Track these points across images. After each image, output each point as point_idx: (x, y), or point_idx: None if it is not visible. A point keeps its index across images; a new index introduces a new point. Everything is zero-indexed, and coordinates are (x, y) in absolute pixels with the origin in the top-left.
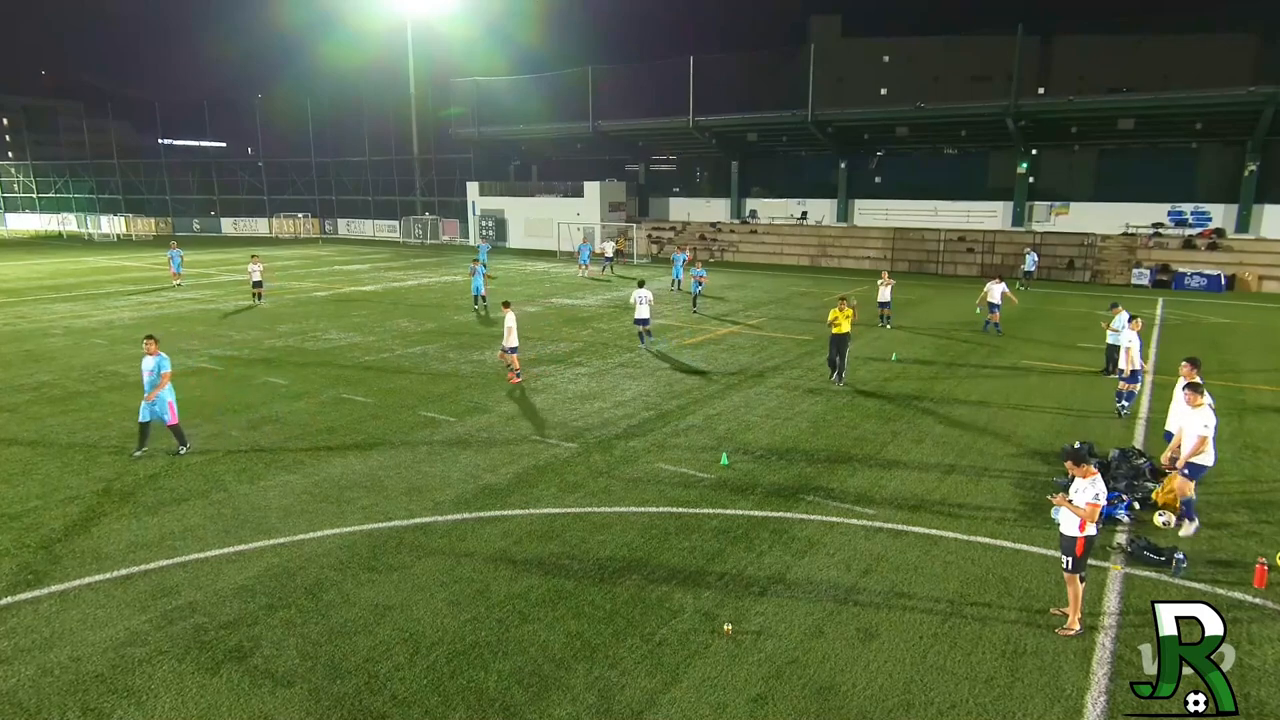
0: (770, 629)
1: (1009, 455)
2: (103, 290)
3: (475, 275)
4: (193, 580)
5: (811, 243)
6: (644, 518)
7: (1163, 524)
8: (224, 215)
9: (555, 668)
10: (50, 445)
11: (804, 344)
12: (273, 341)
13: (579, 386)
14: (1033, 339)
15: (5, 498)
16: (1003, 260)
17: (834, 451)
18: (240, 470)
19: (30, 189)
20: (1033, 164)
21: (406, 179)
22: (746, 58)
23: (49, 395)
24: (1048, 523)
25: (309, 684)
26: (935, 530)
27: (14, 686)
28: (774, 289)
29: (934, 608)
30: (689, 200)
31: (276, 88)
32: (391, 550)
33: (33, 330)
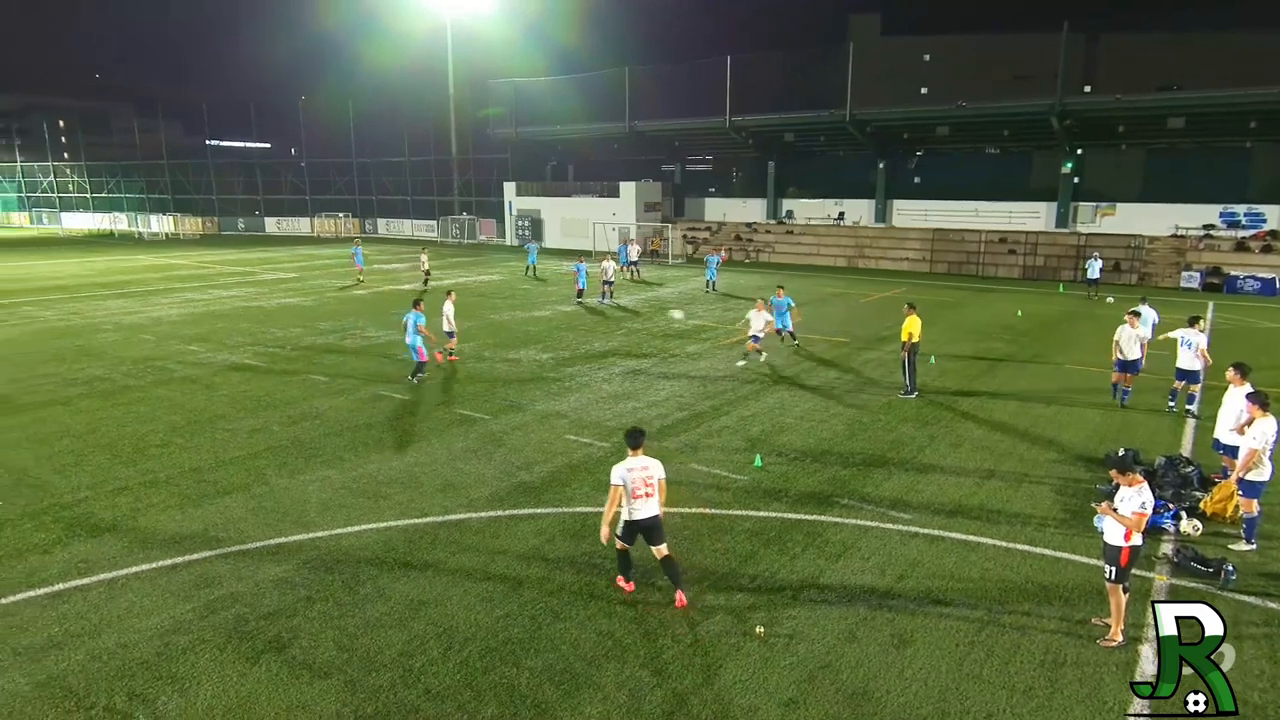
0: (803, 633)
1: (1050, 461)
2: (151, 287)
3: (580, 275)
4: (234, 571)
5: (848, 244)
6: (676, 518)
7: (1192, 530)
8: (268, 215)
9: (587, 666)
10: (101, 437)
11: (839, 346)
12: (313, 339)
13: (613, 386)
14: (1076, 342)
15: (58, 488)
16: (1044, 262)
17: (869, 455)
18: (281, 464)
19: (84, 189)
20: (1078, 164)
21: (445, 179)
22: (784, 57)
23: (100, 389)
24: (1090, 531)
25: (345, 676)
26: (973, 536)
27: (65, 671)
28: (809, 290)
29: (971, 615)
30: (725, 200)
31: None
32: (426, 546)
33: (85, 325)
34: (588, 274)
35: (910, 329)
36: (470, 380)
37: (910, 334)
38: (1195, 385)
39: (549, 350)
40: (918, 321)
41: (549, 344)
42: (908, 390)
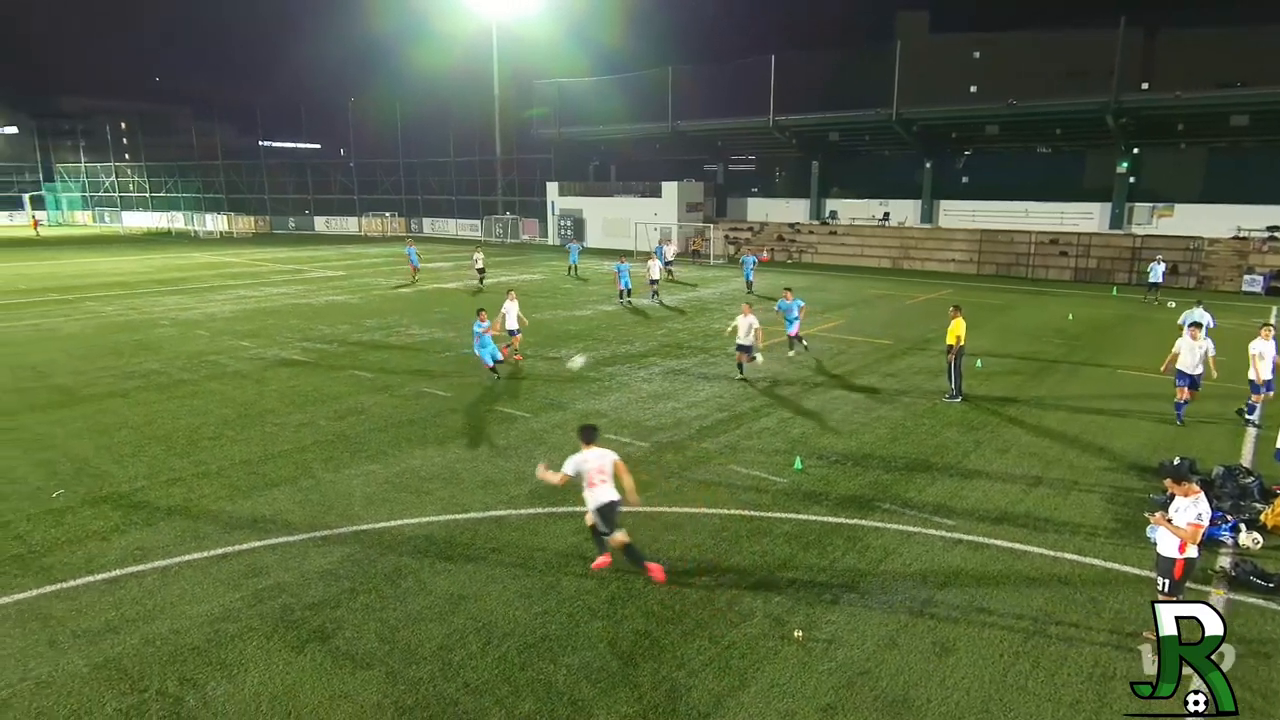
0: (842, 638)
1: (1101, 469)
2: (206, 284)
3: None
4: (281, 562)
5: (893, 245)
6: (715, 519)
7: (1251, 543)
8: (317, 214)
9: (623, 665)
10: (157, 429)
11: (883, 349)
12: (360, 336)
13: (653, 386)
14: (1130, 347)
15: (116, 477)
16: (1097, 264)
17: (912, 459)
18: (327, 459)
19: (144, 188)
20: (1134, 163)
21: (489, 179)
22: (829, 56)
23: (156, 382)
24: (1142, 541)
25: (387, 667)
26: (1019, 545)
27: (120, 654)
28: (852, 291)
29: (1016, 625)
30: (767, 200)
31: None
32: (467, 541)
33: (143, 321)
34: (630, 274)
35: (956, 331)
36: (512, 378)
37: (957, 337)
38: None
39: (590, 349)
40: (964, 324)
41: (590, 343)
42: (953, 394)
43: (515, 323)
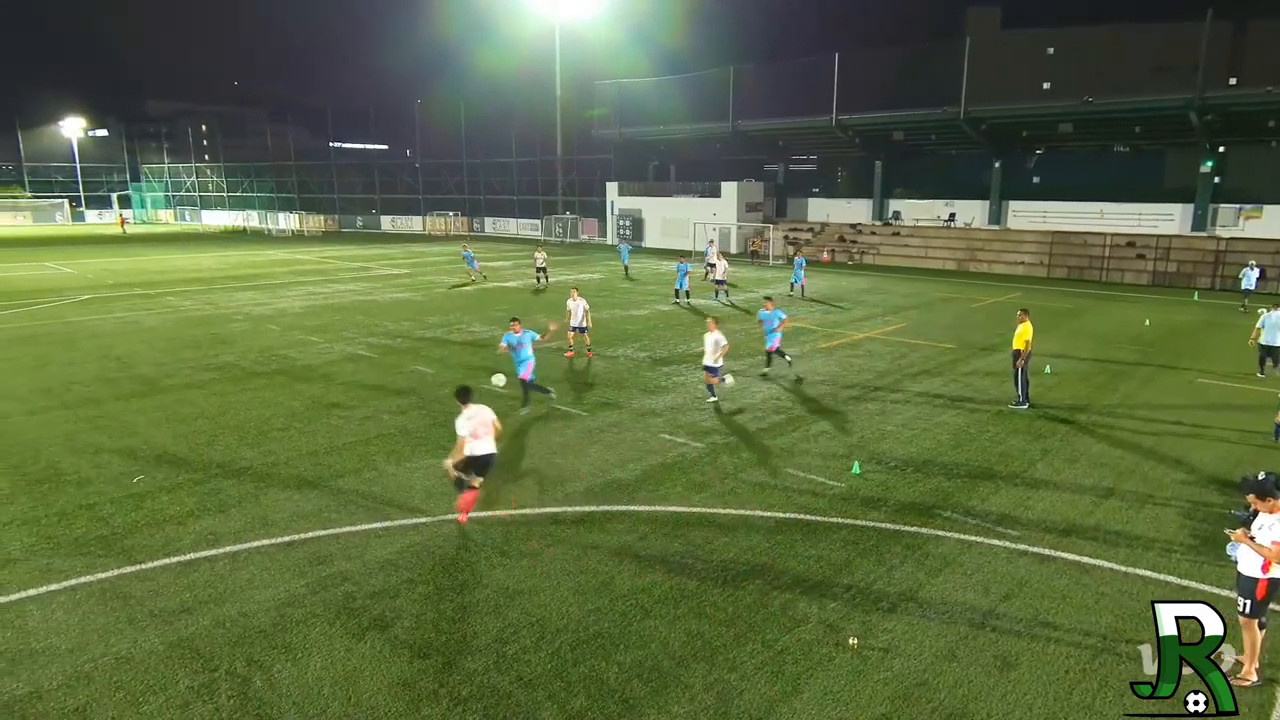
0: (898, 647)
1: (1178, 482)
2: (278, 280)
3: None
4: (344, 551)
5: (959, 246)
6: (770, 522)
7: None
8: (383, 213)
9: (675, 665)
10: (230, 419)
11: (946, 352)
12: (422, 332)
13: None
14: (1212, 355)
15: (192, 464)
16: (1177, 268)
17: (976, 467)
18: (390, 451)
19: (221, 188)
20: (1219, 162)
21: (549, 179)
22: (894, 54)
23: (231, 375)
24: (1222, 559)
25: (443, 657)
26: (1087, 558)
27: (193, 634)
28: (915, 294)
29: (1083, 641)
30: (828, 201)
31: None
32: (522, 537)
33: (219, 315)
34: (688, 274)
35: (1025, 336)
36: (568, 377)
37: (1025, 341)
38: None
39: (646, 349)
40: (1031, 328)
41: (646, 342)
42: (1019, 401)
43: (583, 319)
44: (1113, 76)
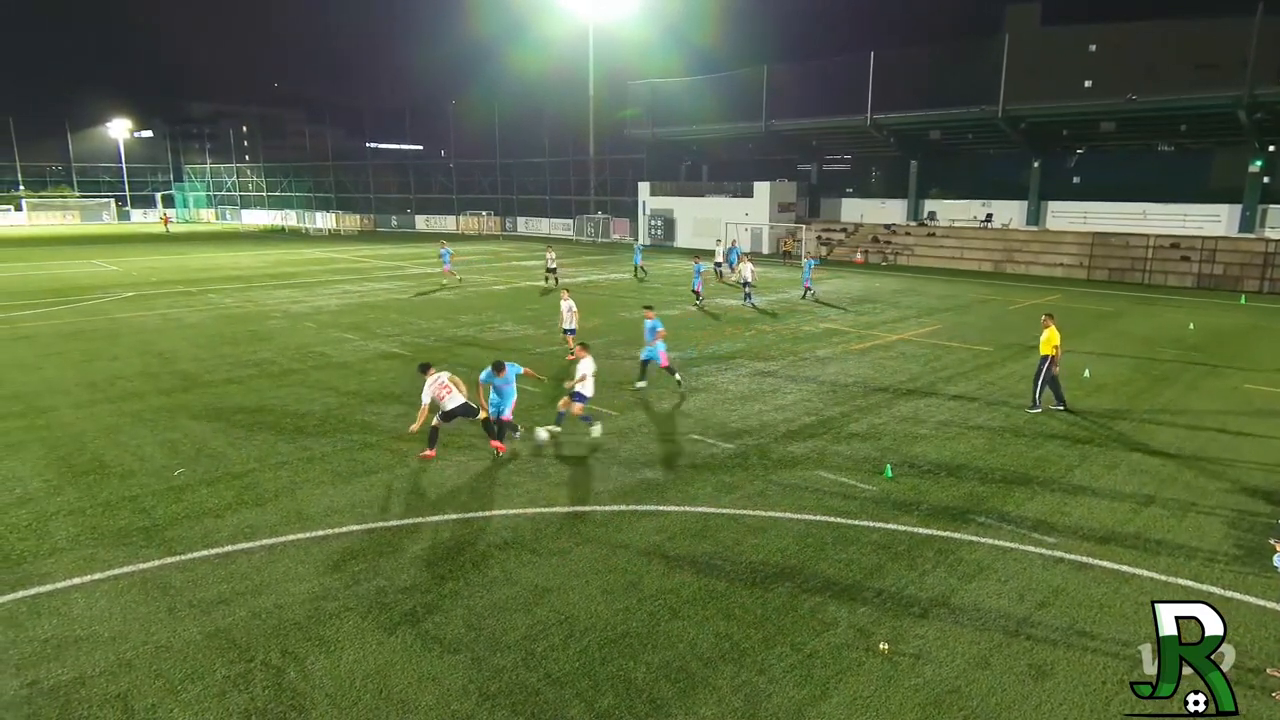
0: (930, 653)
1: (1222, 490)
2: (314, 279)
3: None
4: (377, 546)
5: (996, 247)
6: (800, 525)
7: None
8: (418, 213)
9: (703, 666)
10: (267, 415)
11: (981, 355)
12: (454, 331)
13: (739, 388)
14: (1258, 360)
15: (230, 458)
16: (1224, 270)
17: (1011, 472)
18: (422, 449)
19: (261, 188)
20: (1269, 161)
21: (581, 179)
22: (931, 52)
23: (268, 371)
24: (1268, 570)
25: (472, 653)
26: (1127, 567)
27: (230, 625)
28: (951, 295)
29: (1121, 652)
30: (862, 201)
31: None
32: (552, 535)
33: (257, 313)
34: (704, 274)
35: (1053, 341)
36: (597, 376)
37: (1055, 346)
38: None
39: (676, 349)
40: (1058, 334)
41: (676, 343)
42: (1043, 404)
43: (570, 321)
44: (1157, 74)
